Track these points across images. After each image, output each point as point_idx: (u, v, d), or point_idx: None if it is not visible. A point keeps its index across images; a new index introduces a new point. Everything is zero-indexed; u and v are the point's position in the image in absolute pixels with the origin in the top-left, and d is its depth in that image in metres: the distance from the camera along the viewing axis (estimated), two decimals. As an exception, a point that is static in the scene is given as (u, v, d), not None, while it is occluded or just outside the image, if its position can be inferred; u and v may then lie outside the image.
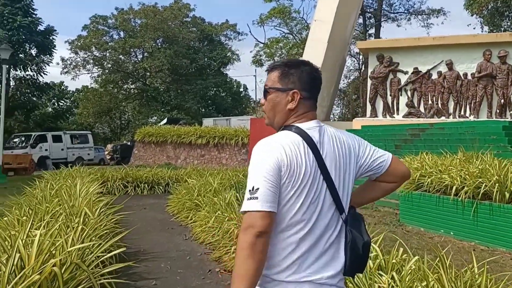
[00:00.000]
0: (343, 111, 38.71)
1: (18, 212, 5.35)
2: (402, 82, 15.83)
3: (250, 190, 1.42)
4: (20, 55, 29.41)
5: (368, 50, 16.91)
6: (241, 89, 46.31)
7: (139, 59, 39.47)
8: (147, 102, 40.50)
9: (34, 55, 30.20)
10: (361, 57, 36.41)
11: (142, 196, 10.15)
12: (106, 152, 33.21)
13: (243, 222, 1.41)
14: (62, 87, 52.40)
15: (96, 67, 38.86)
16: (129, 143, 30.88)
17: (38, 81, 30.61)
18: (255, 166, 1.45)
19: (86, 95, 41.09)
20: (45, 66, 30.36)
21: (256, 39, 48.77)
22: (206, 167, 17.16)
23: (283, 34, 38.18)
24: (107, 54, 38.10)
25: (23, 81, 30.31)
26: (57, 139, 24.83)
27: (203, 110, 38.86)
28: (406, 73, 15.79)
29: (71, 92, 50.78)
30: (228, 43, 42.64)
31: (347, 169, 1.58)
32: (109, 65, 38.22)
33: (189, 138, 21.47)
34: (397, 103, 16.01)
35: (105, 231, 4.85)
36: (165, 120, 27.85)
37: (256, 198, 1.39)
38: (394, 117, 15.85)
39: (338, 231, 1.54)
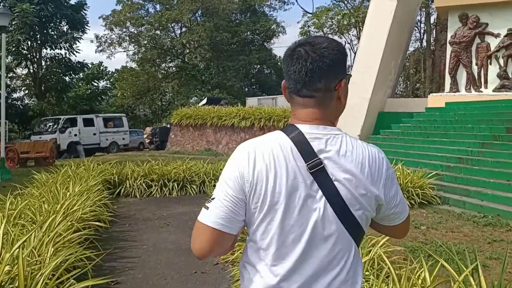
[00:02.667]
0: (400, 87, 35.56)
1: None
2: (493, 48, 13.38)
3: (209, 197, 1.27)
4: (51, 32, 28.61)
5: (448, 8, 14.26)
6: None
7: (177, 35, 37.96)
8: (186, 81, 39.12)
9: (65, 31, 29.33)
10: (422, 24, 33.00)
11: (169, 200, 8.11)
12: (145, 136, 32.53)
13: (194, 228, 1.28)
14: (101, 67, 52.40)
15: (132, 44, 37.76)
16: (168, 126, 29.92)
17: (70, 60, 29.81)
18: (223, 171, 1.27)
19: (122, 75, 40.22)
20: (77, 43, 29.46)
21: (303, 8, 45.82)
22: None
23: (334, 1, 35.26)
24: (143, 30, 36.83)
25: (54, 60, 29.58)
26: (89, 122, 23.77)
27: (246, 89, 36.89)
28: (497, 36, 13.33)
29: (110, 73, 50.58)
30: (272, 14, 40.28)
31: (362, 202, 1.23)
32: (145, 42, 36.92)
33: (231, 120, 19.78)
34: (486, 74, 13.56)
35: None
36: (204, 100, 26.17)
37: (207, 208, 1.23)
38: (481, 91, 13.47)
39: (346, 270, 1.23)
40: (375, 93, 16.19)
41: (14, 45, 25.79)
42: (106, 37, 37.82)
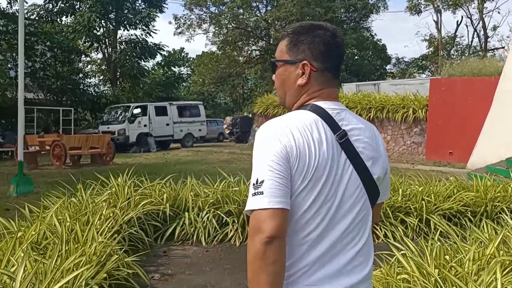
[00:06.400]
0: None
1: None
2: None
3: (254, 184, 1.23)
4: (126, 11, 26.53)
5: None
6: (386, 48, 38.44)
7: (261, 13, 34.51)
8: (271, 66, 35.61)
9: (140, 10, 27.14)
10: None
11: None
12: (225, 126, 30.32)
13: (249, 225, 1.22)
14: (183, 53, 50.86)
15: (213, 25, 34.95)
16: (250, 115, 27.30)
17: (146, 42, 27.63)
18: (258, 155, 1.27)
19: (202, 59, 37.74)
20: (153, 23, 27.13)
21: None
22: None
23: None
24: (225, 9, 33.84)
25: (129, 43, 27.56)
26: (161, 111, 21.13)
27: (341, 73, 32.40)
28: None
29: (191, 59, 48.81)
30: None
31: (378, 168, 1.37)
32: (226, 22, 33.90)
33: None
34: None
35: None
36: (294, 86, 22.43)
37: (262, 193, 1.20)
38: None
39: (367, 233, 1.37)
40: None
41: (84, 24, 23.90)
42: (185, 17, 35.38)
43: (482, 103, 12.02)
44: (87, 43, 26.43)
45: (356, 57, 36.03)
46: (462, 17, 34.75)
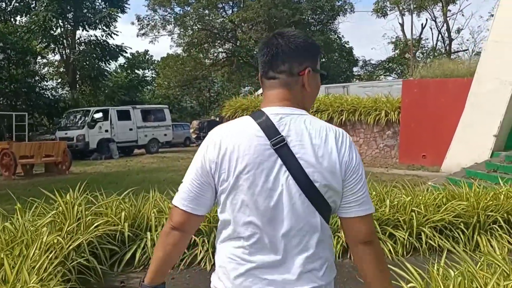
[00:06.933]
0: None
1: None
2: None
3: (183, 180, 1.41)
4: (85, 10, 25.36)
5: None
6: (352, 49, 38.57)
7: (228, 14, 33.91)
8: (238, 68, 35.04)
9: (101, 9, 26.04)
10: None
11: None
12: (192, 130, 29.72)
13: None
14: (147, 56, 49.55)
15: (178, 26, 34.09)
16: (217, 119, 26.74)
17: (106, 43, 26.51)
18: (195, 156, 1.40)
19: (167, 62, 36.75)
20: (114, 24, 26.07)
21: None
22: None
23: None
24: (190, 10, 33.06)
25: (88, 44, 26.37)
26: (124, 115, 20.17)
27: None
28: None
29: (156, 62, 47.63)
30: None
31: (327, 177, 1.30)
32: (192, 23, 33.12)
33: None
34: None
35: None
36: (263, 88, 21.93)
37: (178, 191, 1.40)
38: None
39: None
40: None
41: (40, 24, 22.62)
42: (149, 18, 34.38)
43: (455, 104, 11.83)
44: (43, 44, 25.09)
45: (323, 60, 35.94)
46: (426, 19, 35.34)
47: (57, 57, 28.17)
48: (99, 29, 26.26)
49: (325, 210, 1.31)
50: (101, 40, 26.57)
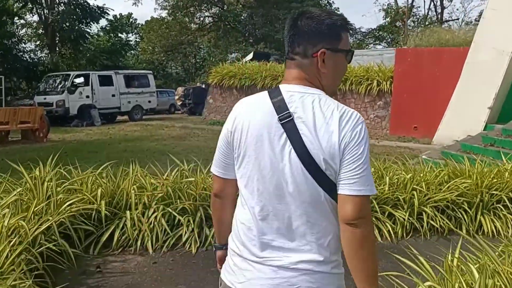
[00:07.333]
0: None
1: None
2: None
3: None
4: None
5: None
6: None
7: (215, -24, 32.70)
8: (225, 34, 34.05)
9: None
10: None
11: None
12: (177, 97, 28.95)
13: None
14: (131, 19, 47.94)
15: (163, -12, 32.81)
16: (203, 86, 26.07)
17: (87, 4, 25.33)
18: None
19: (151, 25, 35.52)
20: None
21: None
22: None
23: None
24: (175, -29, 31.78)
25: (68, 4, 25.16)
26: (106, 81, 19.42)
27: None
28: None
29: (140, 25, 46.11)
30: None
31: (326, 154, 1.32)
32: (177, -16, 31.89)
33: None
34: None
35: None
36: (251, 55, 21.35)
37: (213, 159, 1.54)
38: None
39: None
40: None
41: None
42: (132, -21, 32.97)
43: (450, 75, 11.49)
44: (20, 4, 23.84)
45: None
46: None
47: (35, 17, 26.93)
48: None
49: (327, 185, 1.33)
50: (82, 1, 25.35)
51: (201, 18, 36.34)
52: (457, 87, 11.30)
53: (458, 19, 33.48)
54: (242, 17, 33.51)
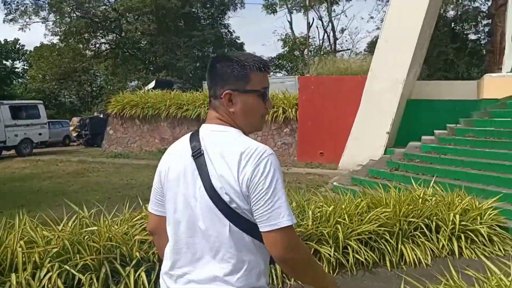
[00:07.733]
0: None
1: None
2: None
3: None
4: None
5: None
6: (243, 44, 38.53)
7: (110, 2, 31.59)
8: (123, 61, 32.86)
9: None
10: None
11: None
12: (71, 128, 27.04)
13: None
14: (18, 45, 44.49)
15: (53, 13, 30.90)
16: (101, 116, 24.85)
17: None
18: None
19: (41, 52, 33.20)
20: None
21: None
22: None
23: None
24: (67, -5, 30.17)
25: None
26: (-11, 112, 17.44)
27: (199, 71, 31.25)
28: None
29: (28, 52, 42.92)
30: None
31: (230, 189, 1.37)
32: (69, 9, 30.22)
33: (196, 110, 15.03)
34: None
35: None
36: (153, 83, 20.64)
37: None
38: None
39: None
40: (409, 73, 11.80)
41: None
42: (18, 2, 30.65)
43: (352, 101, 11.99)
44: None
45: (212, 55, 35.41)
46: (313, 18, 36.55)
47: None
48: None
49: (234, 218, 1.36)
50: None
51: (97, 45, 34.84)
52: (358, 113, 11.81)
53: (349, 49, 35.88)
54: (142, 44, 32.66)
